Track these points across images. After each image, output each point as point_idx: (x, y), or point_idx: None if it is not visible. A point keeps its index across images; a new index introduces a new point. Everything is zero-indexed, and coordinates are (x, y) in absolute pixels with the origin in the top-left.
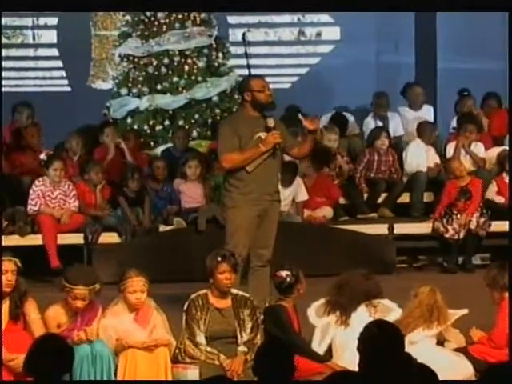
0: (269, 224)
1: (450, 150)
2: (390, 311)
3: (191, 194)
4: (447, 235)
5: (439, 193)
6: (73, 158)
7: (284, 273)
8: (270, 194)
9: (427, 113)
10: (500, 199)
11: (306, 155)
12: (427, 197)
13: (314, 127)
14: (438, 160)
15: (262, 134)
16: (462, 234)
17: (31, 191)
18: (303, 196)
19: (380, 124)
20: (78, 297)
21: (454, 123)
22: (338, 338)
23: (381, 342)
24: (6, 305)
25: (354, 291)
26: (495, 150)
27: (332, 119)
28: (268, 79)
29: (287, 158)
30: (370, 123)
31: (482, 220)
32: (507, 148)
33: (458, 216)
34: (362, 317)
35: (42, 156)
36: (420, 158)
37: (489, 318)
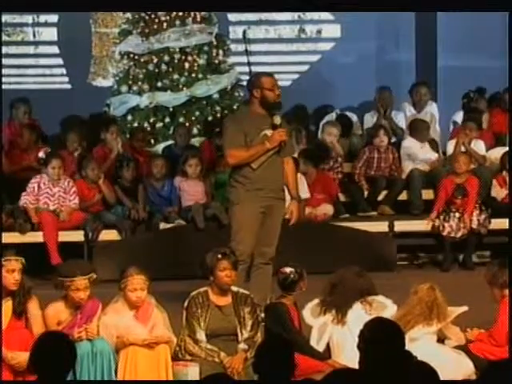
0: (273, 222)
1: (450, 147)
2: (385, 308)
3: (192, 191)
4: (444, 233)
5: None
6: (73, 155)
7: (288, 269)
8: (275, 192)
9: (432, 110)
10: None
11: None
12: (428, 194)
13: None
14: (434, 156)
15: (268, 132)
16: (459, 234)
17: (26, 187)
18: (305, 194)
19: (381, 121)
20: (79, 288)
21: (455, 119)
22: (335, 336)
23: (381, 339)
24: (9, 302)
25: (348, 289)
26: (499, 151)
27: (336, 119)
28: None
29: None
30: (371, 120)
31: (483, 217)
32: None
33: (457, 214)
34: (358, 314)
35: (41, 154)
36: (414, 155)
37: (489, 316)
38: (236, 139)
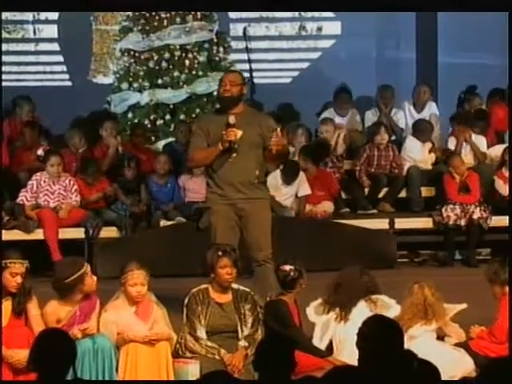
0: (253, 225)
1: (451, 145)
2: (390, 308)
3: (198, 188)
4: (450, 222)
5: (439, 187)
6: (76, 153)
7: (288, 267)
8: (243, 193)
9: (431, 110)
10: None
11: (272, 161)
12: (428, 192)
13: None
14: (433, 157)
15: (225, 132)
16: (463, 222)
17: (26, 184)
18: (305, 190)
19: (383, 119)
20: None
21: (454, 117)
22: (338, 333)
23: (380, 337)
24: (8, 302)
25: (353, 288)
26: (499, 148)
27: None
28: (268, 74)
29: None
30: (371, 118)
31: (485, 213)
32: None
33: (463, 206)
34: (362, 312)
35: (40, 152)
36: (415, 153)
37: (490, 313)
38: (196, 141)
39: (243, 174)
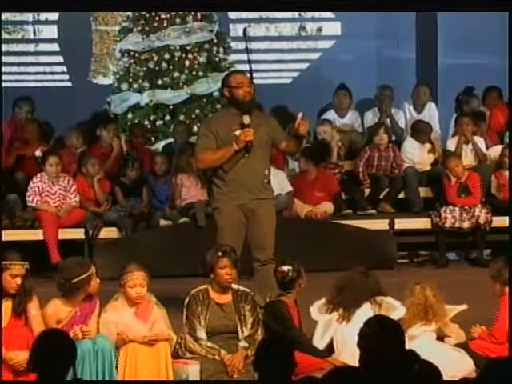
0: (260, 225)
1: (451, 146)
2: (394, 309)
3: (193, 187)
4: (447, 224)
5: (439, 188)
6: (75, 153)
7: (286, 267)
8: (253, 193)
9: (431, 111)
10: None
11: (293, 152)
12: (428, 192)
13: (303, 130)
14: (432, 158)
15: (238, 132)
16: (465, 224)
17: (29, 188)
18: (287, 187)
19: (384, 119)
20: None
21: (454, 118)
22: (340, 333)
23: (381, 337)
24: (9, 302)
25: (357, 291)
26: (498, 149)
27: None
28: (268, 74)
29: None
30: (371, 118)
31: (488, 215)
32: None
33: (464, 209)
34: (366, 314)
35: (38, 153)
36: (413, 154)
37: (490, 313)
38: (205, 142)
39: (255, 174)
